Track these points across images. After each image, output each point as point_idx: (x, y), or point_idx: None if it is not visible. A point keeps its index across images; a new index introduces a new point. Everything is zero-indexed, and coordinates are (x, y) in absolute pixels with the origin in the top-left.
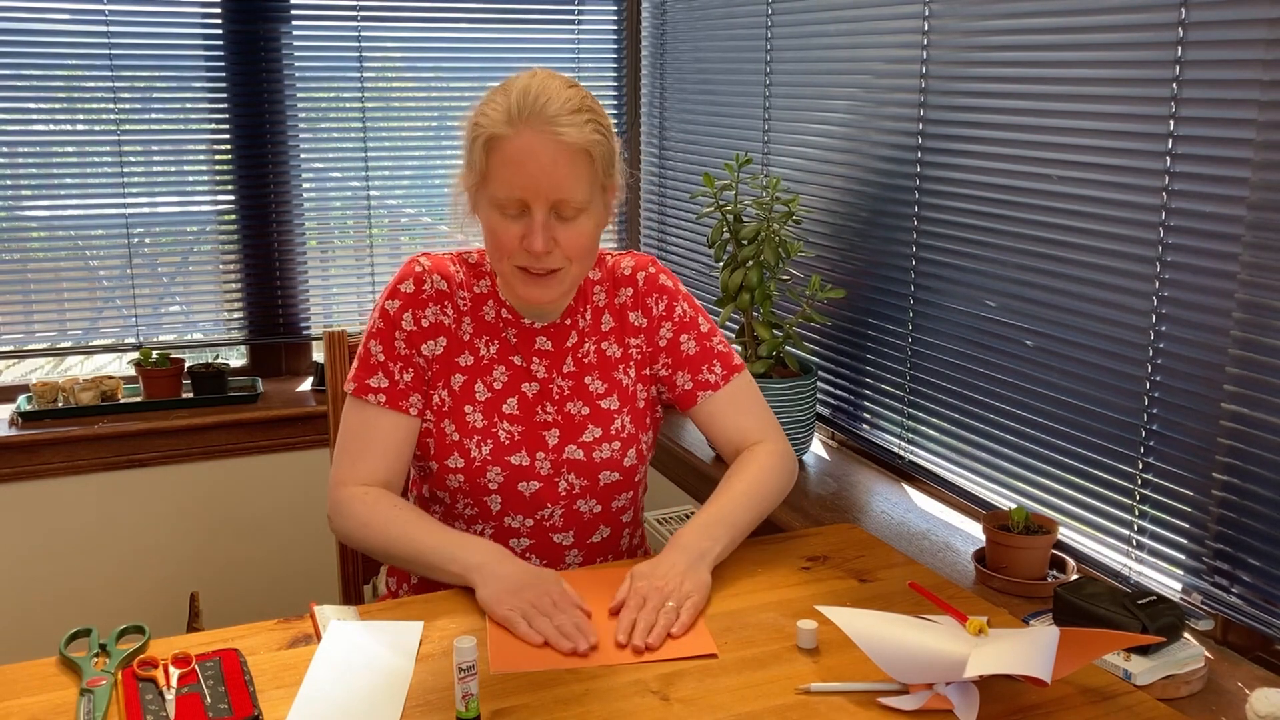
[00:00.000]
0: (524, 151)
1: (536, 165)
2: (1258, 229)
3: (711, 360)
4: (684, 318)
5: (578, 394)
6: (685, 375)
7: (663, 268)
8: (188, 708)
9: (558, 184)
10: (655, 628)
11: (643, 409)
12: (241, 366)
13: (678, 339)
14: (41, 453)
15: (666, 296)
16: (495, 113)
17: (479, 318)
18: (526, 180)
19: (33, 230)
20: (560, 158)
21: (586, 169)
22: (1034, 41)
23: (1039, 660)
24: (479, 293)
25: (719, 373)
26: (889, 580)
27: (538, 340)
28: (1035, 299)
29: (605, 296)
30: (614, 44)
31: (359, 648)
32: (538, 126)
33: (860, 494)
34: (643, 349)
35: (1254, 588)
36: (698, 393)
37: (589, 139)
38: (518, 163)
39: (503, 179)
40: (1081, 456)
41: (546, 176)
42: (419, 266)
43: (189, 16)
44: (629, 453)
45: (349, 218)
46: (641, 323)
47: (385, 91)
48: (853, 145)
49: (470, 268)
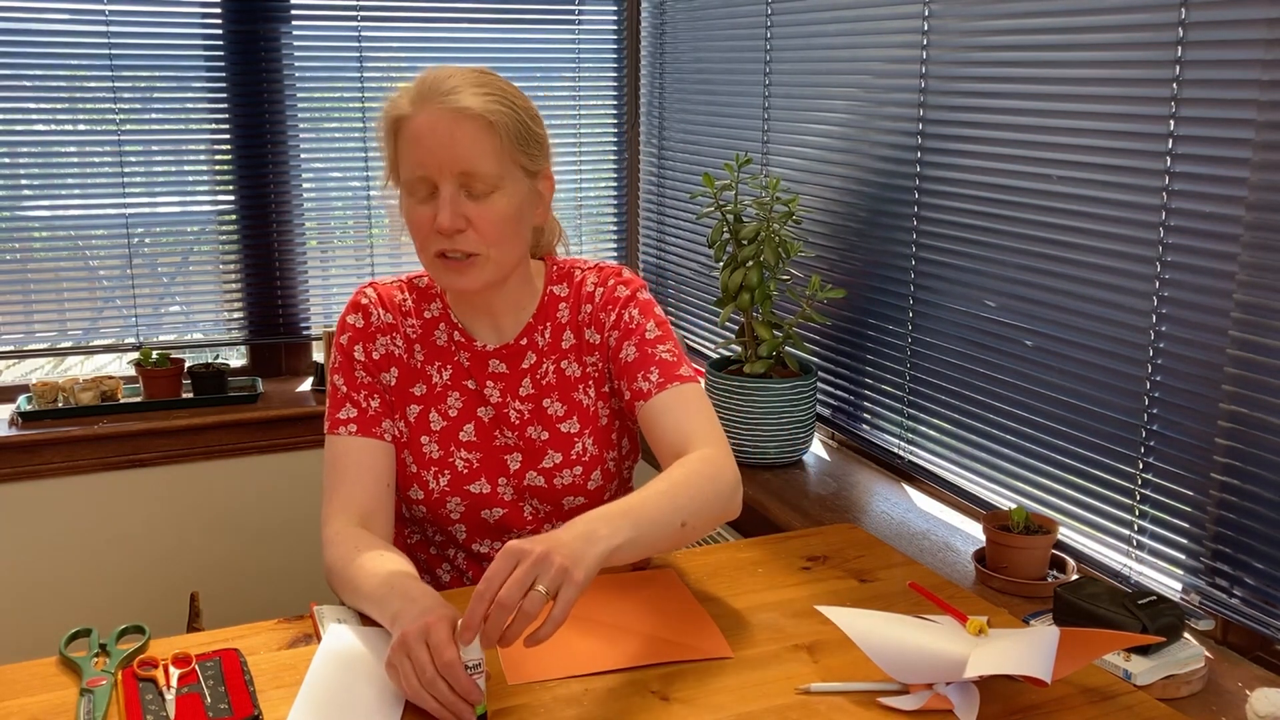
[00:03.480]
0: (424, 127)
1: (435, 139)
2: (1257, 229)
3: (650, 368)
4: (629, 323)
5: (536, 418)
6: (626, 384)
7: (628, 277)
8: (188, 708)
9: (458, 155)
10: (510, 625)
11: (606, 427)
12: (241, 366)
13: (622, 346)
14: (41, 453)
15: (617, 306)
16: (400, 99)
17: (430, 343)
18: (426, 155)
19: (33, 230)
20: (458, 128)
21: (489, 139)
22: (1034, 41)
23: (1039, 660)
24: (429, 317)
25: (654, 380)
26: (889, 580)
27: (491, 363)
28: (1035, 299)
29: (569, 313)
30: (614, 44)
31: (359, 648)
32: (436, 101)
33: (860, 494)
34: (599, 365)
35: (1254, 588)
36: (635, 402)
37: (487, 107)
38: (418, 139)
39: (407, 159)
40: (1081, 456)
41: (446, 149)
42: (365, 298)
43: (189, 16)
44: (593, 475)
45: (349, 218)
46: (595, 339)
47: (385, 91)
48: (852, 145)
49: (420, 292)
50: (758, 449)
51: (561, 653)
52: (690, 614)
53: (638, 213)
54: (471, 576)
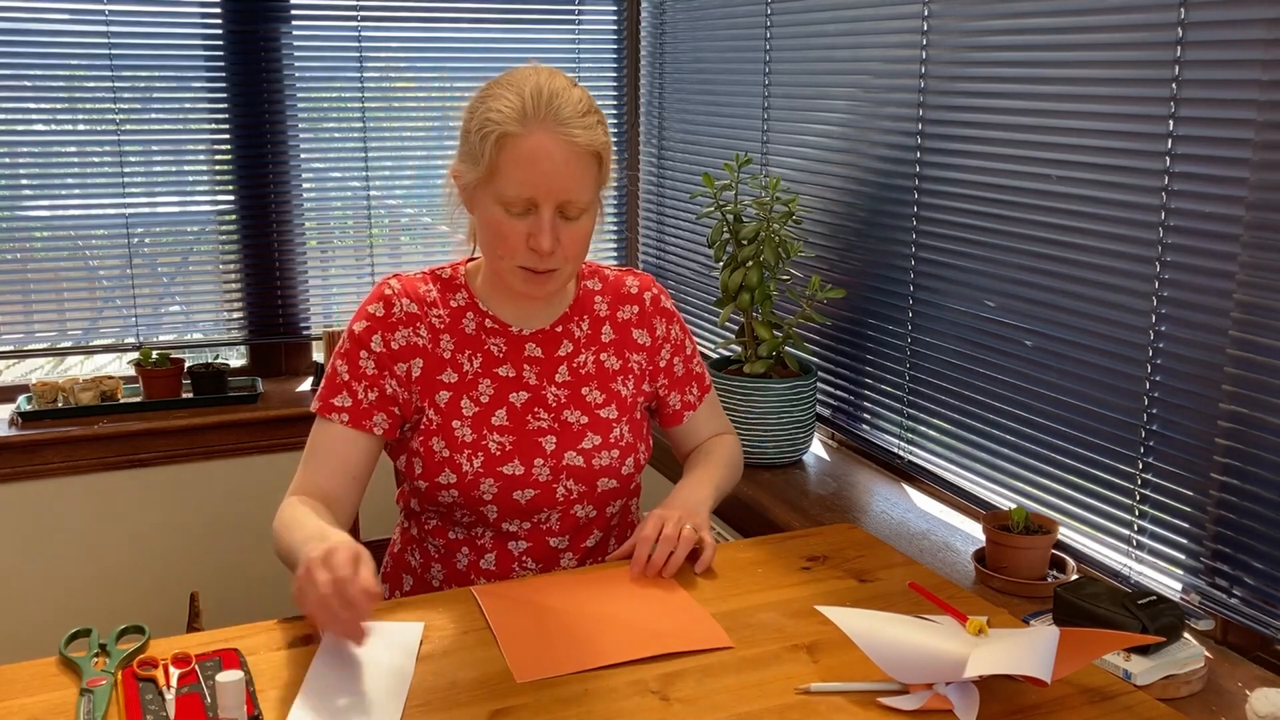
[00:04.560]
0: (538, 151)
1: (550, 165)
2: (1256, 229)
3: (691, 382)
4: (678, 341)
5: (574, 403)
6: (676, 395)
7: (663, 289)
8: (188, 708)
9: (567, 185)
10: (675, 553)
11: (639, 420)
12: (241, 366)
13: (673, 362)
14: (41, 453)
15: (669, 321)
16: (508, 110)
17: (459, 332)
18: (539, 179)
19: (33, 230)
20: (572, 159)
21: (594, 171)
22: (1033, 41)
23: (1039, 660)
24: (456, 307)
25: (696, 394)
26: (889, 580)
27: (527, 347)
28: (1035, 299)
29: (607, 309)
30: (614, 44)
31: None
32: (551, 127)
33: (860, 494)
34: (643, 365)
35: (1254, 588)
36: (684, 413)
37: (600, 141)
38: (531, 162)
39: (513, 177)
40: (1081, 456)
41: (558, 178)
42: (389, 289)
43: (189, 16)
44: (627, 461)
45: (349, 218)
46: (645, 341)
47: (385, 91)
48: (852, 145)
49: (444, 283)
50: (758, 449)
51: (563, 649)
52: (686, 607)
53: (638, 213)
54: (495, 557)
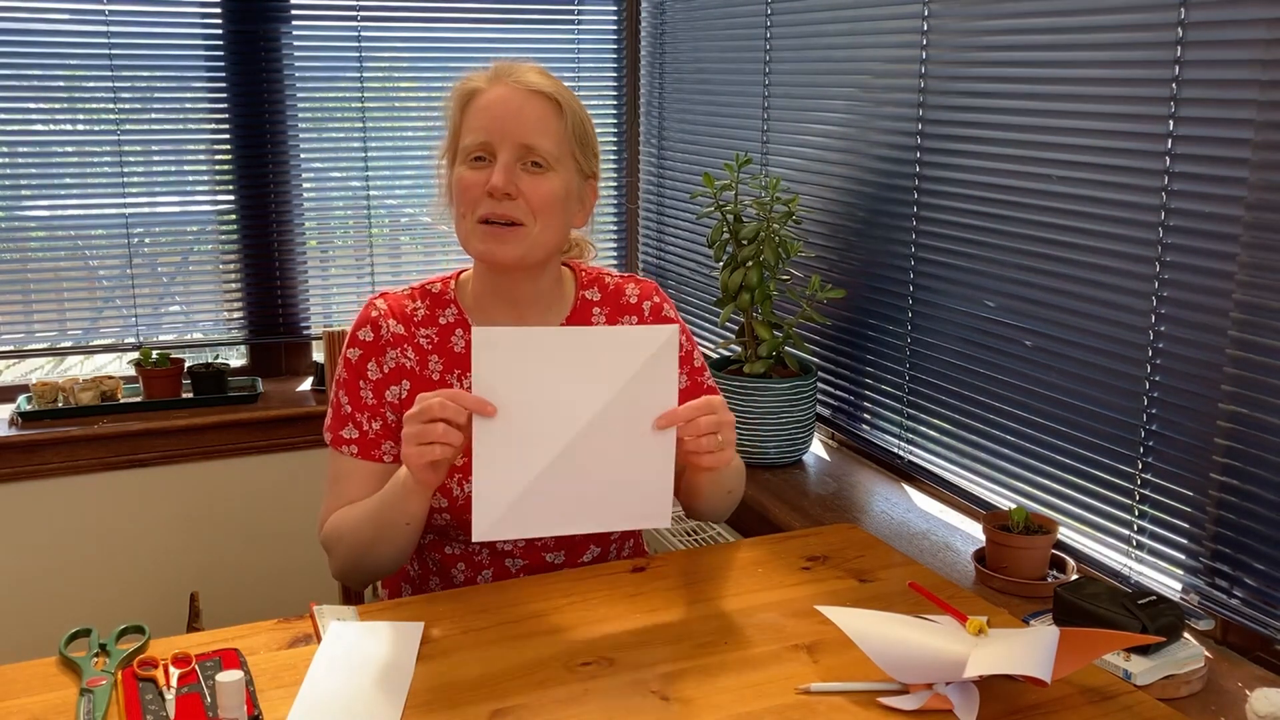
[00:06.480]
0: (495, 99)
1: (504, 108)
2: (1256, 229)
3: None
4: (684, 353)
5: None
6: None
7: (666, 297)
8: (188, 708)
9: (523, 127)
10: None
11: None
12: (241, 366)
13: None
14: (41, 453)
15: None
16: (474, 77)
17: (448, 351)
18: (492, 122)
19: (33, 230)
20: (528, 103)
21: (554, 120)
22: (1033, 41)
23: (1039, 660)
24: (445, 324)
25: None
26: (889, 580)
27: None
28: (1035, 299)
29: (605, 319)
30: (613, 44)
31: (359, 648)
32: (510, 78)
33: (860, 494)
34: None
35: (1254, 588)
36: None
37: (559, 90)
38: (487, 108)
39: (472, 125)
40: (1081, 456)
41: (513, 119)
42: (375, 311)
43: (189, 16)
44: None
45: (349, 218)
46: None
47: (385, 91)
48: (852, 145)
49: (434, 298)
50: (758, 449)
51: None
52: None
53: (637, 212)
54: (492, 573)
